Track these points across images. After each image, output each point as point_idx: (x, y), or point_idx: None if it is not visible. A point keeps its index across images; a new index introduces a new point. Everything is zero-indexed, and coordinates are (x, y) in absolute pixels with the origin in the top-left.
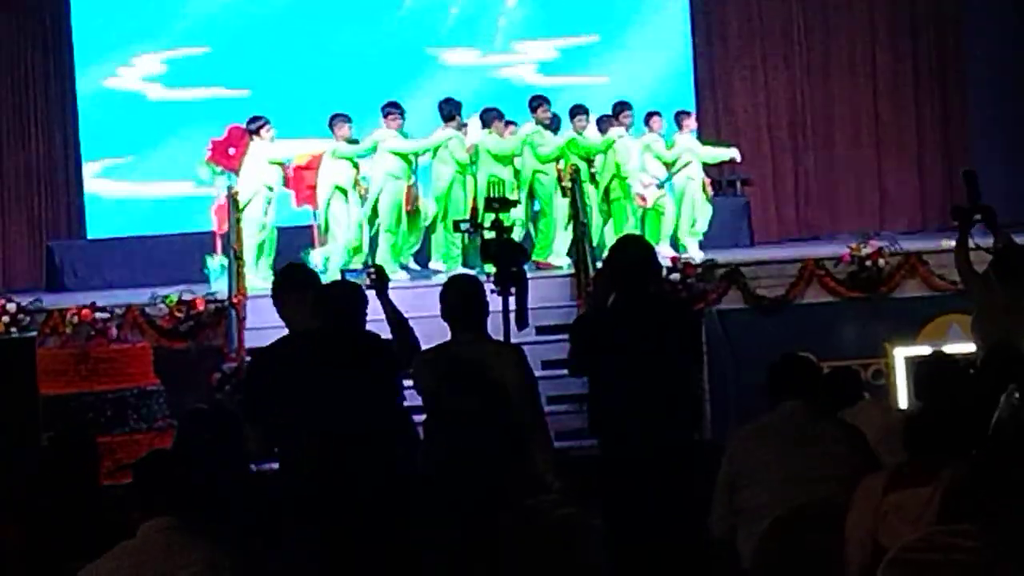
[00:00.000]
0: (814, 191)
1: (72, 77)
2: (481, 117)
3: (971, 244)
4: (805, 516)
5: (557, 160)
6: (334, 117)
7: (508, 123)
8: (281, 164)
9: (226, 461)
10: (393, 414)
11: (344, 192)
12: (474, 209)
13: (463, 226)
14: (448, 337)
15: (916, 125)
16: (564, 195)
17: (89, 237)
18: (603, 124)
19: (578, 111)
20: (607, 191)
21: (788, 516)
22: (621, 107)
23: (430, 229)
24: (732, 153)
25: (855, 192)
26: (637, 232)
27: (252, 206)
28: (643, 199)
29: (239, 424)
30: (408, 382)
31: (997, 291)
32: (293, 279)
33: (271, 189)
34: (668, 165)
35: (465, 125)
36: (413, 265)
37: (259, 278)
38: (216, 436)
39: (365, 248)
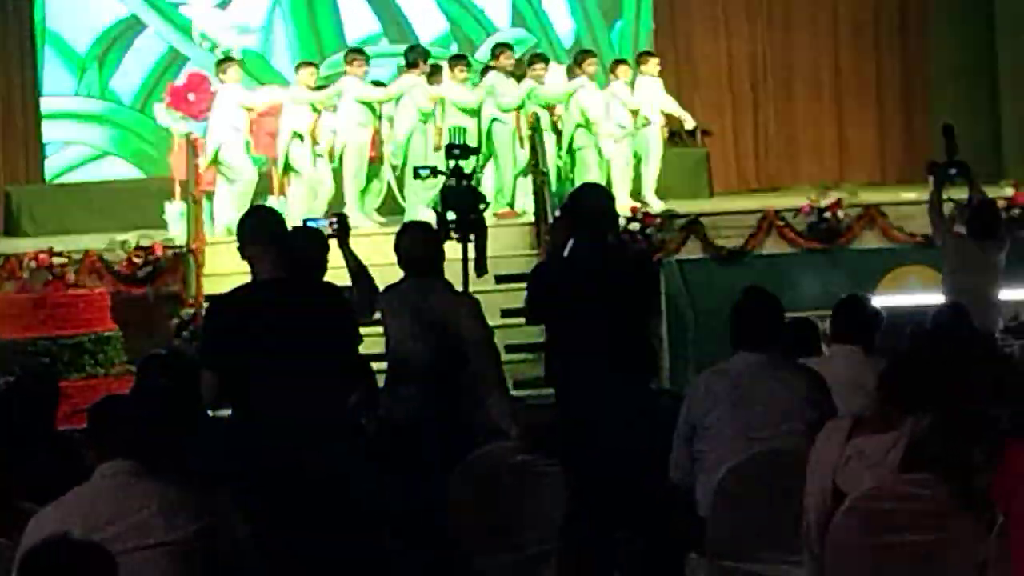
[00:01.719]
0: (774, 142)
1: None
2: (449, 64)
3: (944, 197)
4: (761, 464)
5: (517, 109)
6: (300, 64)
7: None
8: (250, 109)
9: (182, 406)
10: (349, 363)
11: (301, 138)
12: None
13: (422, 172)
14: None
15: (877, 77)
16: (523, 144)
17: (48, 181)
18: (569, 72)
19: (536, 59)
20: (571, 140)
21: (745, 464)
22: (584, 55)
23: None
24: (687, 119)
25: (815, 144)
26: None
27: (231, 151)
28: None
29: (195, 370)
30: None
31: (970, 246)
32: (256, 225)
33: (239, 130)
34: (633, 112)
35: (435, 72)
36: (377, 216)
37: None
38: (172, 382)
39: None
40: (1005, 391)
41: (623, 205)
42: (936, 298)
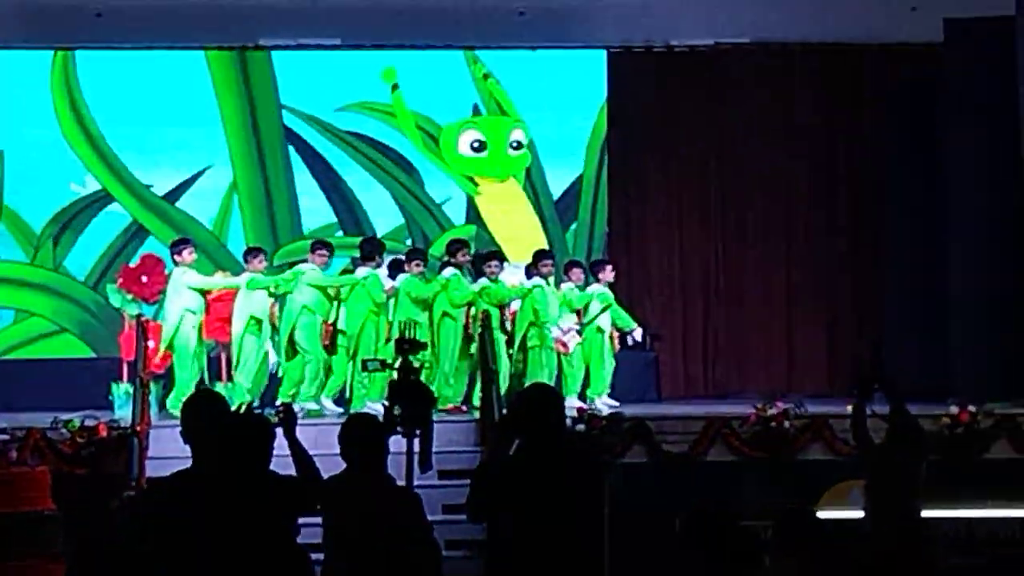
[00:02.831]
0: (723, 349)
1: None
2: (407, 257)
3: (868, 411)
4: None
5: (468, 306)
6: (249, 250)
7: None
8: (202, 292)
9: None
10: (287, 556)
11: (259, 324)
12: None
13: (371, 365)
14: None
15: (828, 290)
16: (471, 341)
17: None
18: (528, 271)
19: (491, 257)
20: (524, 339)
21: None
22: (541, 256)
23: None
24: (634, 329)
25: (764, 352)
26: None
27: (185, 334)
28: (564, 345)
29: (134, 559)
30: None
31: (894, 460)
32: (200, 410)
33: (194, 314)
34: (580, 316)
35: (395, 266)
36: (330, 405)
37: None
38: (111, 566)
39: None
40: None
41: (571, 406)
42: None
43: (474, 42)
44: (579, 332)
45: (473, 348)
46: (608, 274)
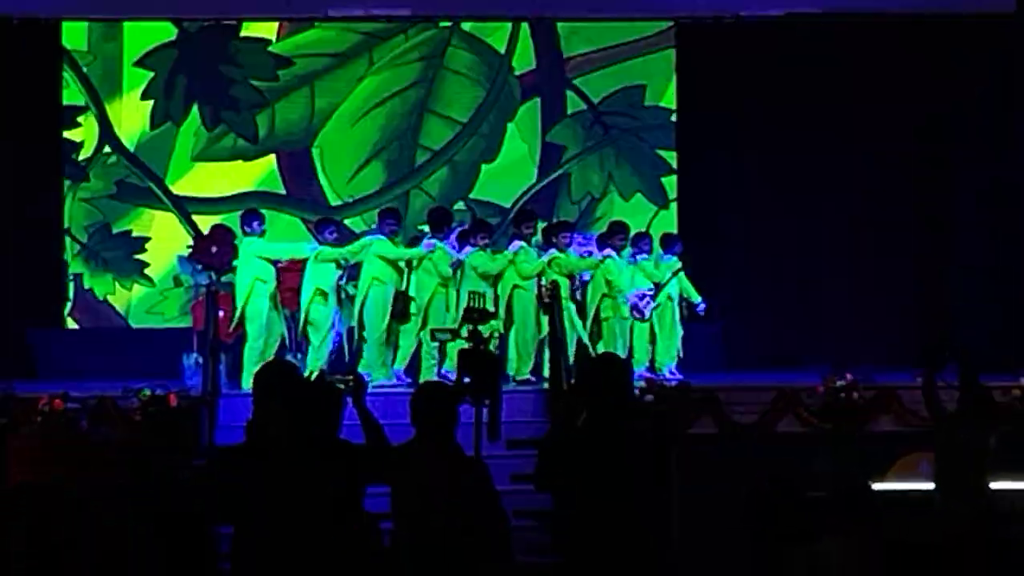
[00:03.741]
0: (792, 320)
1: (60, 170)
2: (471, 230)
3: (940, 383)
4: None
5: (538, 276)
6: (319, 221)
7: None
8: (271, 260)
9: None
10: (356, 523)
11: (325, 295)
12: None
13: (439, 335)
14: None
15: (898, 261)
16: (544, 312)
17: (68, 327)
18: (600, 243)
19: (562, 228)
20: (597, 311)
21: None
22: (615, 228)
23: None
24: (700, 303)
25: (833, 323)
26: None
27: (256, 304)
28: (639, 312)
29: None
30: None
31: (964, 432)
32: (272, 379)
33: (265, 282)
34: (656, 285)
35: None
36: (401, 375)
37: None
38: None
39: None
40: None
41: (639, 376)
42: None
43: (543, 12)
44: (652, 298)
45: (544, 319)
46: (675, 246)
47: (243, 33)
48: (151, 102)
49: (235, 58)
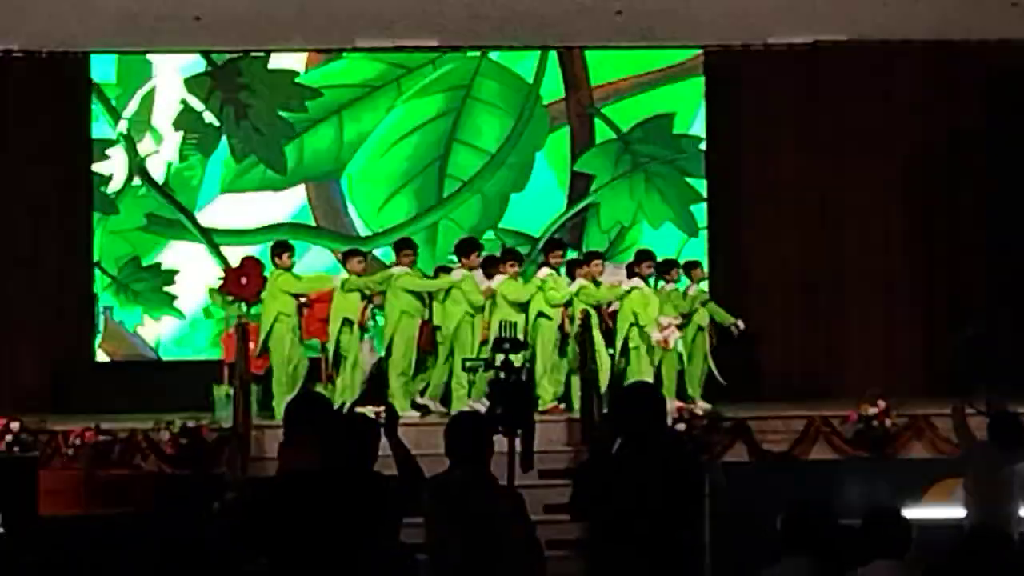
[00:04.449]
0: (822, 348)
1: (90, 203)
2: (501, 258)
3: (969, 409)
4: None
5: (565, 306)
6: (347, 252)
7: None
8: (296, 296)
9: None
10: (392, 555)
11: (352, 325)
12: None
13: (471, 365)
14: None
15: (929, 287)
16: (567, 342)
17: (98, 360)
18: (629, 271)
19: (593, 257)
20: (626, 340)
21: None
22: (642, 256)
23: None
24: (735, 322)
25: (863, 351)
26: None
27: (280, 336)
28: (665, 342)
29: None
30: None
31: (997, 457)
32: (303, 411)
33: (288, 316)
34: (683, 315)
35: (490, 265)
36: (436, 405)
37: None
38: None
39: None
40: None
41: (671, 405)
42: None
43: (570, 42)
44: (679, 328)
45: (569, 349)
46: (700, 273)
47: (271, 64)
48: (180, 134)
49: (264, 90)
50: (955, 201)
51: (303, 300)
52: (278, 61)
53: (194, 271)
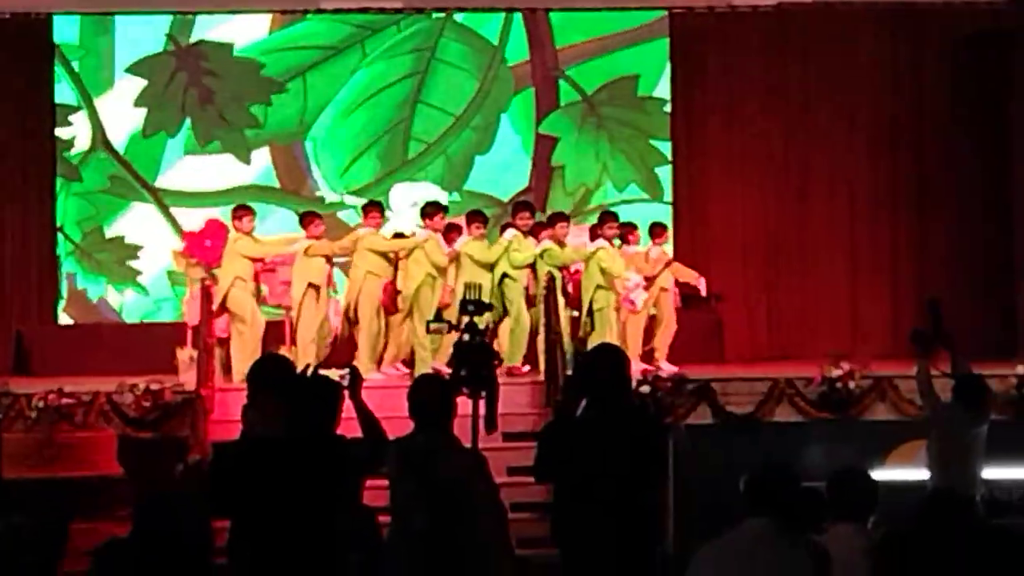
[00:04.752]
0: (787, 310)
1: (53, 164)
2: (467, 220)
3: (934, 372)
4: None
5: (530, 267)
6: (306, 215)
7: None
8: (254, 259)
9: (185, 552)
10: (354, 517)
11: (316, 290)
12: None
13: (434, 327)
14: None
15: (892, 251)
16: (532, 304)
17: (60, 323)
18: (592, 233)
19: (558, 219)
20: (591, 301)
21: None
22: (606, 218)
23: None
24: (699, 283)
25: (828, 314)
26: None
27: (238, 299)
28: (631, 303)
29: (199, 514)
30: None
31: (961, 419)
32: (266, 374)
33: (244, 281)
34: (647, 278)
35: (453, 229)
36: (400, 367)
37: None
38: (176, 527)
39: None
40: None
41: (635, 368)
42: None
43: (535, 4)
44: (645, 290)
45: (534, 311)
46: (666, 236)
47: (237, 52)
48: (144, 110)
49: (230, 80)
50: (922, 164)
51: (259, 266)
52: (243, 30)
53: (158, 244)
